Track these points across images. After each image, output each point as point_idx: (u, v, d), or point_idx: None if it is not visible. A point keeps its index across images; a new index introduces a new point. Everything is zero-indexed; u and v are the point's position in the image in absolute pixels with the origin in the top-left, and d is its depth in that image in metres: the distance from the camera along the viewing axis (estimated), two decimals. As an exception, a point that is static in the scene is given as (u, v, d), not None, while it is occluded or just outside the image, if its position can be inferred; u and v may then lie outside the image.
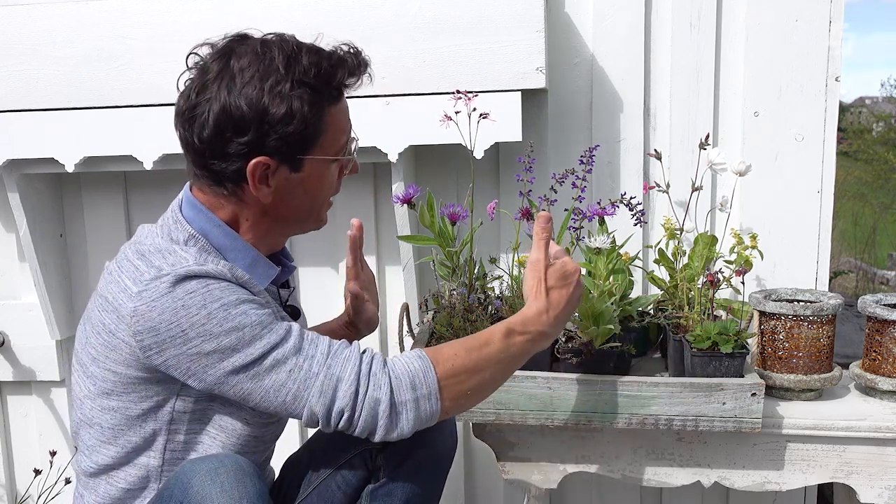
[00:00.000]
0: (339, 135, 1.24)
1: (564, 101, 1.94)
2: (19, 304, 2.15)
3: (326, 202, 1.31)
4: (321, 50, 1.20)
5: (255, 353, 1.13)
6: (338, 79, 1.20)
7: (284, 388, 1.14)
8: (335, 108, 1.22)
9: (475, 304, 1.57)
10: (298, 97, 1.15)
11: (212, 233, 1.23)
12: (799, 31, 1.83)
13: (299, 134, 1.17)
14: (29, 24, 1.85)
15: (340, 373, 1.15)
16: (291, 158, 1.19)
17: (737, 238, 1.67)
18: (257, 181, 1.18)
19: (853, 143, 10.07)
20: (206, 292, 1.12)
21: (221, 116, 1.15)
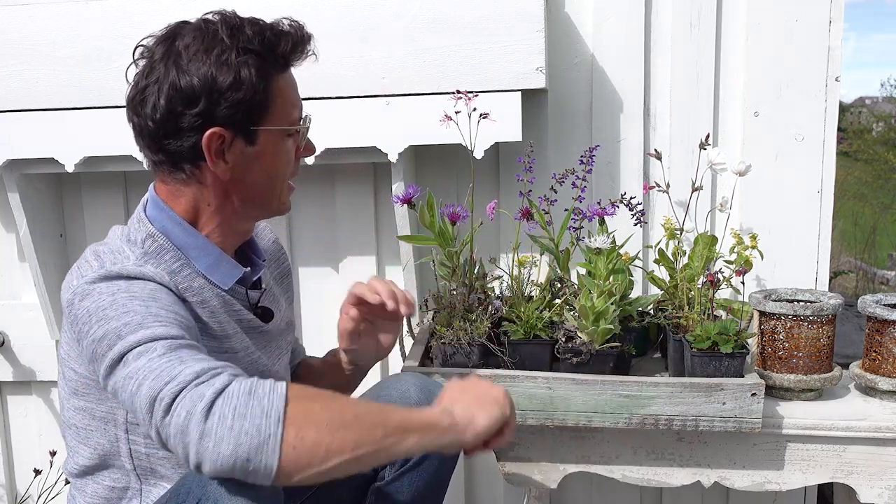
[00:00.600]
0: (290, 107, 1.24)
1: (564, 101, 1.94)
2: (19, 304, 2.15)
3: (286, 183, 1.29)
4: (262, 21, 1.21)
5: (134, 339, 1.04)
6: (282, 47, 1.20)
7: (137, 376, 1.02)
8: (282, 79, 1.22)
9: (475, 304, 1.57)
10: (245, 64, 1.16)
11: (173, 231, 1.23)
12: (799, 31, 1.83)
13: (249, 101, 1.17)
14: (29, 24, 1.85)
15: (187, 367, 1.00)
16: (245, 130, 1.19)
17: (737, 238, 1.67)
18: (213, 154, 1.18)
19: (853, 143, 10.08)
20: (126, 286, 1.11)
21: (171, 93, 1.15)
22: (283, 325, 1.42)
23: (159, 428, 0.98)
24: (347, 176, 2.03)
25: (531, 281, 1.67)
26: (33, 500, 2.19)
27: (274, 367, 1.37)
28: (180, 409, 0.96)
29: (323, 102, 1.80)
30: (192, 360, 1.02)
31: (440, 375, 1.51)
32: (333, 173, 2.03)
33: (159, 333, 1.05)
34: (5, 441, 2.27)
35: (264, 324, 1.34)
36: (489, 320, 1.55)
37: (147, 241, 1.21)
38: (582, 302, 1.47)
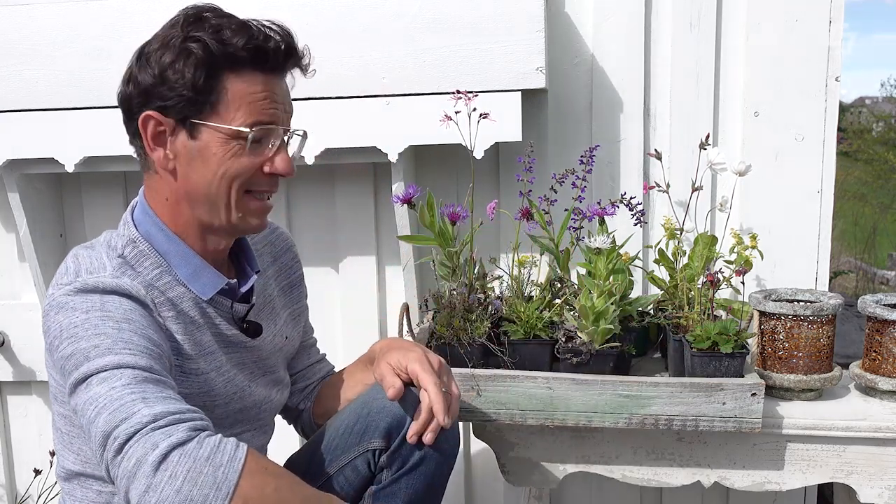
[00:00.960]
0: (247, 111, 1.17)
1: (564, 101, 1.94)
2: (19, 304, 2.15)
3: (240, 192, 1.20)
4: (233, 17, 1.18)
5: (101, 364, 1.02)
6: (237, 45, 1.14)
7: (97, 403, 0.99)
8: (239, 79, 1.16)
9: (475, 304, 1.57)
10: (186, 51, 1.14)
11: (156, 237, 1.22)
12: (799, 31, 1.83)
13: (189, 90, 1.14)
14: (29, 24, 1.85)
15: (147, 406, 0.97)
16: (186, 121, 1.16)
17: (737, 238, 1.67)
18: (150, 139, 1.17)
19: (853, 143, 10.08)
20: (100, 304, 1.09)
21: (129, 77, 1.18)
22: (278, 342, 1.39)
23: (109, 466, 0.96)
24: (347, 176, 2.03)
25: (531, 281, 1.67)
26: (33, 500, 2.19)
27: (254, 385, 1.34)
28: (131, 454, 0.93)
29: (323, 102, 1.80)
30: (154, 398, 0.98)
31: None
32: (333, 173, 2.03)
33: (127, 362, 1.02)
34: (5, 441, 2.27)
35: (249, 339, 1.32)
36: (489, 320, 1.55)
37: (128, 247, 1.20)
38: (582, 302, 1.47)
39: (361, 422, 1.35)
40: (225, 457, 0.95)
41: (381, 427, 1.32)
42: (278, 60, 1.19)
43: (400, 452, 1.32)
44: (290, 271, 1.48)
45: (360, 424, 1.35)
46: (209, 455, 0.94)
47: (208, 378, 1.24)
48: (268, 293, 1.41)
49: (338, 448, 1.38)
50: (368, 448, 1.34)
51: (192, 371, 1.22)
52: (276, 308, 1.42)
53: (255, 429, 1.37)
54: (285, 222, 2.07)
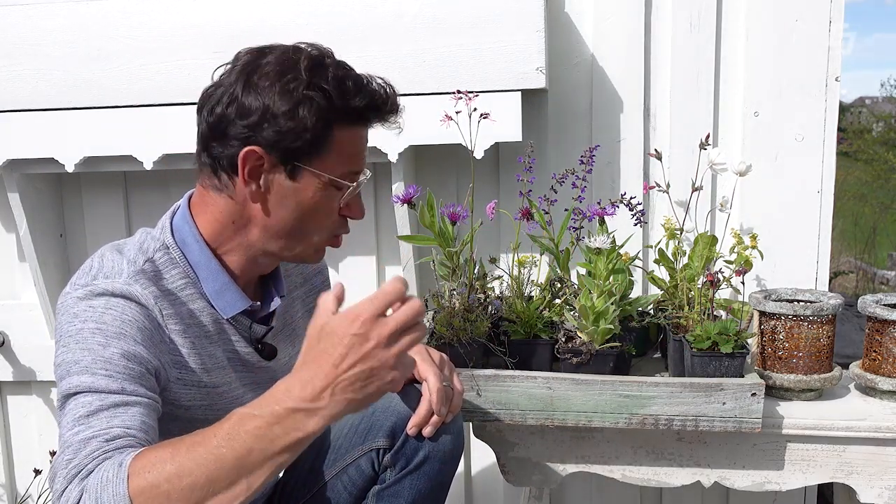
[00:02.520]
0: (346, 161, 1.21)
1: (564, 101, 1.94)
2: (19, 304, 2.15)
3: (324, 231, 1.26)
4: (352, 69, 1.20)
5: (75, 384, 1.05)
6: (356, 101, 1.18)
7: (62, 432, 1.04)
8: (348, 131, 1.20)
9: (475, 304, 1.57)
10: (308, 99, 1.14)
11: (191, 247, 1.22)
12: (799, 31, 1.83)
13: (298, 136, 1.15)
14: (29, 24, 1.85)
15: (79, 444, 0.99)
16: (290, 163, 1.17)
17: (737, 238, 1.67)
18: (247, 173, 1.17)
19: (853, 143, 10.09)
20: (99, 315, 1.11)
21: (230, 100, 1.16)
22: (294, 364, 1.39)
23: None
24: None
25: (531, 281, 1.67)
26: (33, 500, 2.19)
27: None
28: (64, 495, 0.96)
29: (323, 102, 1.80)
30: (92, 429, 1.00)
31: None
32: (333, 173, 2.03)
33: (97, 385, 1.05)
34: (5, 441, 2.27)
35: (264, 360, 1.32)
36: (489, 320, 1.55)
37: (160, 252, 1.20)
38: (582, 302, 1.47)
39: (366, 421, 1.35)
40: (109, 490, 0.92)
41: (386, 426, 1.32)
42: (382, 118, 1.24)
43: (404, 452, 1.32)
44: (318, 292, 1.46)
45: (365, 424, 1.35)
46: (97, 498, 0.92)
47: (214, 392, 1.24)
48: (290, 315, 1.40)
49: (342, 447, 1.38)
50: (372, 447, 1.34)
51: (196, 383, 1.22)
52: (298, 331, 1.41)
53: None
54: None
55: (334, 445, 1.39)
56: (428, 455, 1.32)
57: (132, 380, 1.08)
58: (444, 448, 1.33)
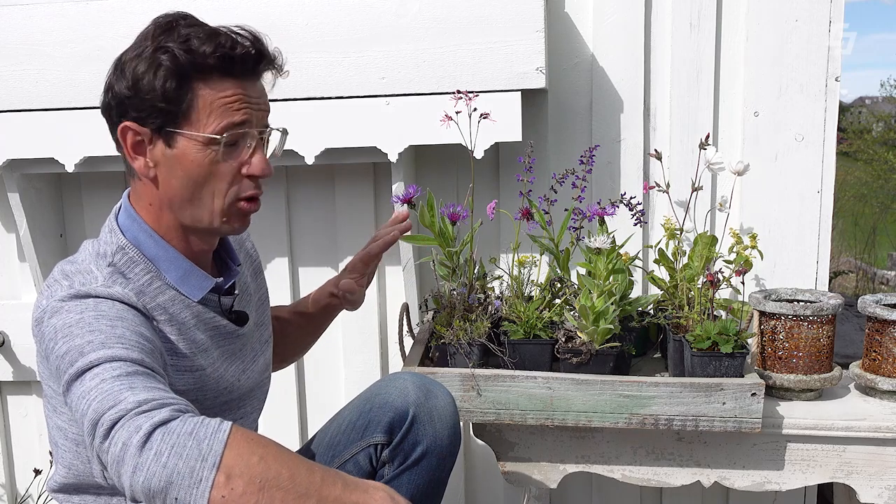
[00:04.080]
0: (218, 115, 1.17)
1: (564, 101, 1.94)
2: (19, 304, 2.15)
3: (223, 195, 1.21)
4: (204, 25, 1.19)
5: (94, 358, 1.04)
6: (203, 52, 1.14)
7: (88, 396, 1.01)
8: (208, 86, 1.16)
9: (475, 304, 1.57)
10: (157, 61, 1.15)
11: (145, 242, 1.22)
12: (799, 31, 1.83)
13: (161, 100, 1.15)
14: (29, 24, 1.85)
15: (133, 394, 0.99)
16: (161, 130, 1.18)
17: (736, 238, 1.67)
18: (130, 148, 1.19)
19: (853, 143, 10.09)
20: (94, 306, 1.11)
21: (107, 85, 1.20)
22: (255, 324, 1.41)
23: (98, 453, 0.99)
24: (347, 176, 2.03)
25: (531, 281, 1.67)
26: (33, 500, 2.19)
27: (247, 375, 1.36)
28: (117, 439, 0.96)
29: (323, 102, 1.80)
30: (141, 387, 1.00)
31: (440, 375, 1.51)
32: (333, 173, 2.03)
33: (119, 355, 1.04)
34: (5, 441, 2.27)
35: (239, 328, 1.33)
36: (489, 320, 1.55)
37: (118, 255, 1.20)
38: (582, 302, 1.47)
39: (364, 417, 1.36)
40: (209, 430, 0.96)
41: (384, 422, 1.33)
42: (247, 66, 1.19)
43: (402, 447, 1.33)
44: (254, 257, 1.50)
45: (363, 419, 1.36)
46: (192, 430, 0.96)
47: (203, 374, 1.25)
48: (244, 281, 1.42)
49: (340, 443, 1.38)
50: (370, 443, 1.35)
51: (188, 368, 1.23)
52: (251, 293, 1.44)
53: (240, 417, 1.37)
54: (285, 222, 2.07)
55: (332, 441, 1.40)
56: (426, 451, 1.32)
57: (148, 354, 1.08)
58: (442, 443, 1.33)
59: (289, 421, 2.15)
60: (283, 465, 0.99)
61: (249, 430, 1.03)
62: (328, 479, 1.02)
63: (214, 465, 0.94)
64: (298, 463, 1.01)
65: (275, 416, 2.10)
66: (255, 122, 1.21)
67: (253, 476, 0.96)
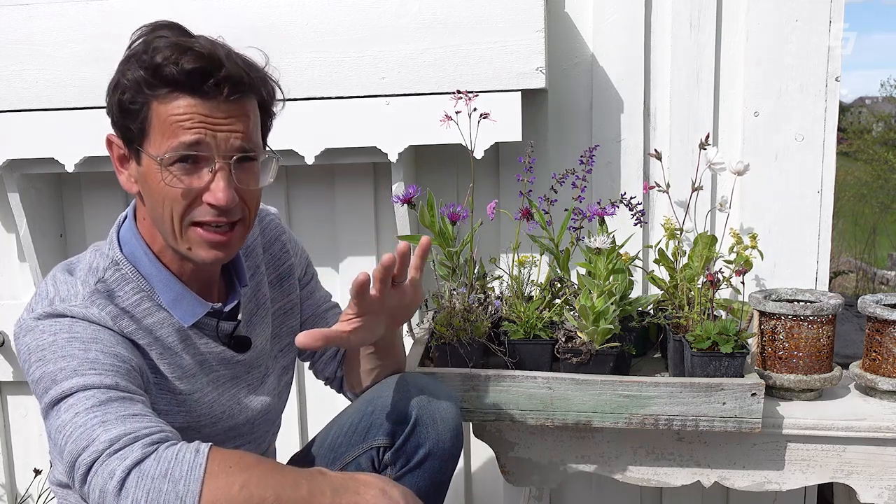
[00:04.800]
0: (166, 134, 1.11)
1: (564, 101, 1.94)
2: (19, 304, 2.15)
3: (178, 218, 1.14)
4: (180, 39, 1.12)
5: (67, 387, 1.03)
6: (161, 70, 1.09)
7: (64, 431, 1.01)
8: (159, 103, 1.11)
9: (475, 304, 1.57)
10: (123, 77, 1.13)
11: (141, 260, 1.21)
12: (799, 31, 1.83)
13: (125, 117, 1.14)
14: (29, 24, 1.85)
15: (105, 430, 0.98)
16: (131, 146, 1.16)
17: (736, 238, 1.67)
18: (116, 160, 1.19)
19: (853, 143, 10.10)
20: (69, 327, 1.10)
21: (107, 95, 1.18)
22: (269, 343, 1.38)
23: (81, 495, 1.00)
24: (347, 176, 2.03)
25: (531, 281, 1.67)
26: (33, 500, 2.19)
27: (252, 398, 1.34)
28: (94, 486, 0.96)
29: (323, 102, 1.80)
30: (114, 419, 1.00)
31: (440, 375, 1.51)
32: (333, 173, 2.03)
33: (91, 382, 1.03)
34: (5, 441, 2.27)
35: (237, 354, 1.31)
36: (489, 320, 1.55)
37: (110, 270, 1.19)
38: (582, 302, 1.47)
39: (366, 419, 1.36)
40: (184, 468, 0.96)
41: (386, 425, 1.33)
42: (199, 82, 1.10)
43: (404, 450, 1.32)
44: (279, 262, 1.44)
45: (365, 422, 1.36)
46: (167, 470, 0.95)
47: (189, 399, 1.24)
48: (261, 294, 1.39)
49: (342, 446, 1.38)
50: (373, 446, 1.34)
51: (169, 390, 1.22)
52: (267, 307, 1.41)
53: (248, 442, 1.36)
54: (285, 222, 2.06)
55: (334, 444, 1.39)
56: (428, 453, 1.32)
57: (123, 376, 1.07)
58: (444, 446, 1.33)
59: (289, 422, 2.15)
60: (267, 488, 0.98)
61: (228, 452, 1.01)
62: (315, 489, 1.01)
63: None
64: (282, 481, 1.00)
65: (275, 416, 2.11)
66: (215, 145, 1.12)
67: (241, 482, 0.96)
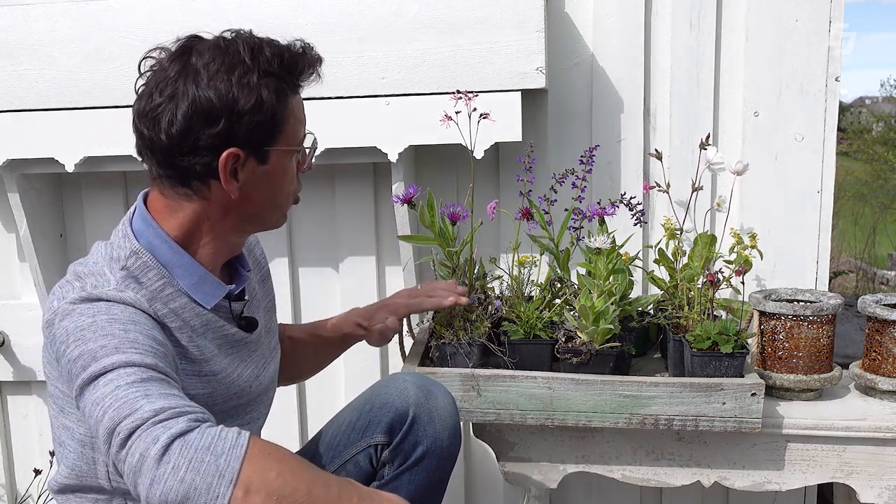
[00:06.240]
0: (299, 126, 1.25)
1: (564, 101, 1.94)
2: (19, 304, 2.15)
3: (290, 196, 1.30)
4: (279, 42, 1.22)
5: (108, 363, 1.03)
6: (299, 69, 1.22)
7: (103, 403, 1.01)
8: (294, 100, 1.23)
9: (475, 304, 1.57)
10: (265, 87, 1.16)
11: (159, 248, 1.21)
12: (799, 31, 1.83)
13: (267, 123, 1.18)
14: (29, 23, 1.85)
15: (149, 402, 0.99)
16: (258, 150, 1.19)
17: (736, 238, 1.67)
18: (228, 174, 1.17)
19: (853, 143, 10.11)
20: (106, 309, 1.10)
21: (191, 110, 1.14)
22: (264, 330, 1.41)
23: (115, 461, 0.99)
24: (347, 176, 2.03)
25: (531, 281, 1.67)
26: (33, 500, 2.19)
27: (259, 380, 1.36)
28: (134, 449, 0.96)
29: (323, 102, 1.80)
30: (157, 394, 1.00)
31: (440, 375, 1.51)
32: (333, 173, 2.03)
33: (133, 360, 1.04)
34: (5, 441, 2.27)
35: (249, 334, 1.33)
36: (489, 320, 1.55)
37: (131, 259, 1.19)
38: (582, 302, 1.47)
39: (364, 417, 1.36)
40: (227, 444, 0.97)
41: (384, 423, 1.33)
42: (312, 77, 1.26)
43: (402, 448, 1.33)
44: (262, 263, 1.50)
45: (363, 420, 1.36)
46: (210, 444, 0.96)
47: (214, 380, 1.25)
48: (252, 286, 1.42)
49: (340, 444, 1.39)
50: (371, 443, 1.35)
51: (197, 373, 1.23)
52: (260, 299, 1.44)
53: (246, 423, 1.37)
54: (285, 222, 2.06)
55: (333, 442, 1.40)
56: (426, 451, 1.32)
57: (161, 358, 1.08)
58: (442, 444, 1.34)
59: (289, 421, 2.15)
60: (301, 481, 0.99)
61: (266, 441, 1.03)
62: (344, 493, 1.02)
63: (232, 481, 0.94)
64: (315, 478, 1.01)
65: (275, 416, 2.10)
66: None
67: (270, 492, 0.96)
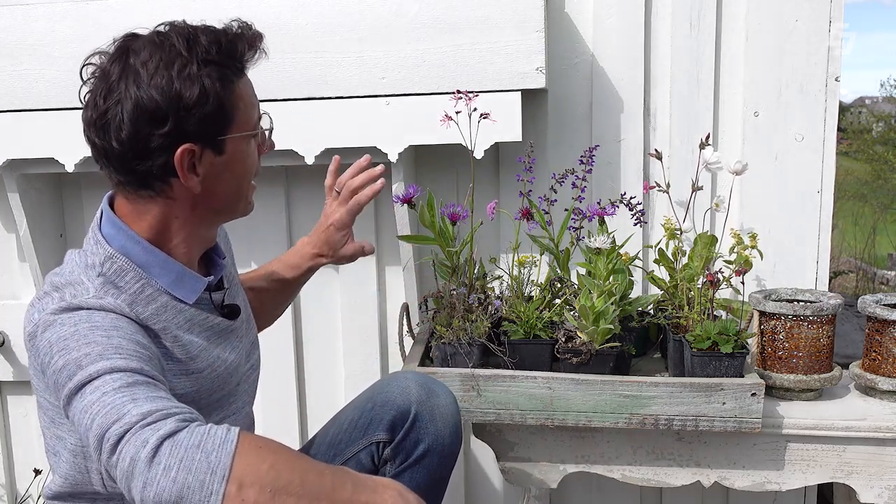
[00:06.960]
0: (251, 109, 1.23)
1: (564, 101, 1.94)
2: (19, 305, 2.15)
3: (251, 184, 1.29)
4: (215, 28, 1.20)
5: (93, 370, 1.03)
6: (239, 51, 1.19)
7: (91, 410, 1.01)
8: (241, 83, 1.21)
9: (475, 304, 1.57)
10: (207, 76, 1.14)
11: (133, 250, 1.20)
12: (799, 31, 1.83)
13: (216, 113, 1.16)
14: (29, 23, 1.85)
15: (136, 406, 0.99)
16: (213, 141, 1.17)
17: (736, 238, 1.67)
18: (186, 170, 1.16)
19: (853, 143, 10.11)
20: (87, 317, 1.10)
21: (136, 113, 1.12)
22: (245, 314, 1.41)
23: (107, 468, 0.99)
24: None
25: (531, 281, 1.67)
26: (33, 500, 2.19)
27: (244, 367, 1.36)
28: (125, 454, 0.96)
29: (323, 102, 1.80)
30: (144, 398, 1.00)
31: (440, 375, 1.51)
32: (333, 173, 2.03)
33: (118, 366, 1.04)
34: (5, 441, 2.27)
35: (232, 322, 1.33)
36: (489, 320, 1.55)
37: (106, 264, 1.18)
38: (582, 302, 1.47)
39: (366, 416, 1.37)
40: (216, 441, 0.97)
41: (385, 420, 1.34)
42: (257, 55, 1.24)
43: (403, 446, 1.33)
44: (229, 243, 1.50)
45: (364, 418, 1.36)
46: (200, 442, 0.96)
47: (200, 377, 1.25)
48: (229, 272, 1.42)
49: (342, 442, 1.39)
50: (372, 441, 1.35)
51: (184, 372, 1.22)
52: (237, 284, 1.44)
53: (232, 413, 1.37)
54: (285, 222, 2.07)
55: (334, 440, 1.40)
56: (427, 449, 1.33)
57: (146, 362, 1.08)
58: (444, 442, 1.34)
59: (289, 421, 2.15)
60: (294, 472, 0.99)
61: (257, 435, 1.03)
62: (338, 481, 1.02)
63: (224, 477, 0.95)
64: (308, 468, 1.01)
65: (275, 415, 2.11)
66: None
67: (264, 485, 0.96)
